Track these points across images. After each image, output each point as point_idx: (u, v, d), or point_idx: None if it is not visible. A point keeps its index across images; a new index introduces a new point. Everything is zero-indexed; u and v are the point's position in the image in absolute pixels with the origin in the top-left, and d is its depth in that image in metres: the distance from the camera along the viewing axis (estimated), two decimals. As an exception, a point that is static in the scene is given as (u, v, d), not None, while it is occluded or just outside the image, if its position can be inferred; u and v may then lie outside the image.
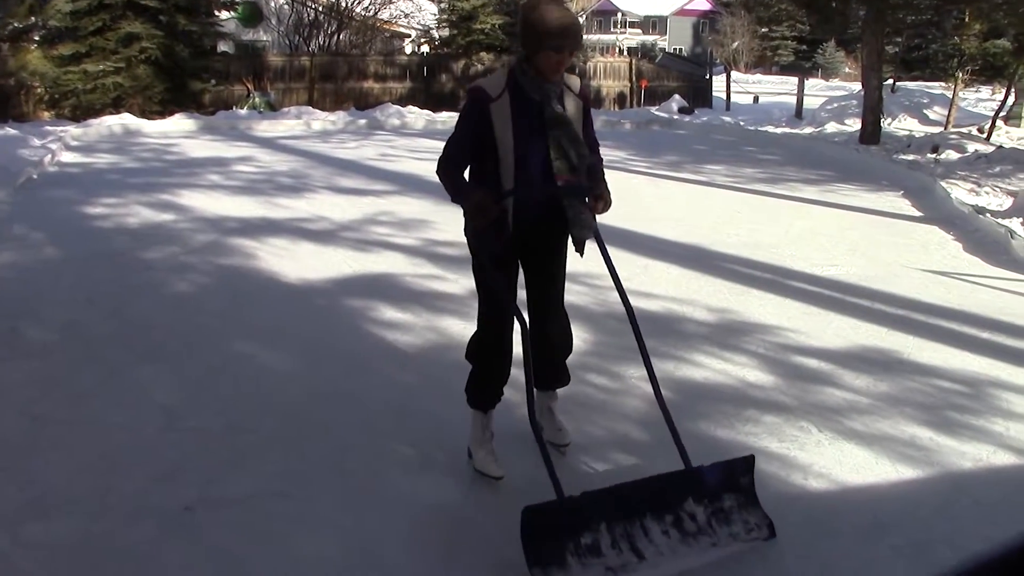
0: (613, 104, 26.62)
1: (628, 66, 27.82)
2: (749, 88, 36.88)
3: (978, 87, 28.07)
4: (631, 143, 17.71)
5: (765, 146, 17.91)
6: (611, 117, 22.91)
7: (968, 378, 4.91)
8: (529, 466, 3.64)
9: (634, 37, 74.83)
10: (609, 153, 15.47)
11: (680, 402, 4.51)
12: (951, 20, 21.10)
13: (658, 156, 15.54)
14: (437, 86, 25.38)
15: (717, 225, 9.27)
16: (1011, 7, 14.30)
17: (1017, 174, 13.13)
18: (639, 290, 6.57)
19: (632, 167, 14.15)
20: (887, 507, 3.53)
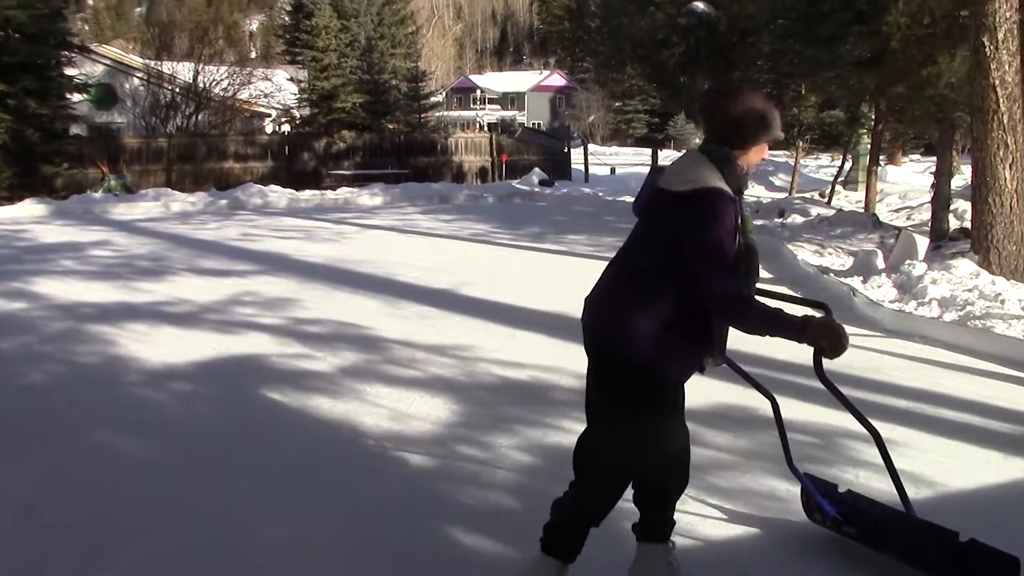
0: (475, 178, 27.07)
1: (489, 141, 28.43)
2: (606, 160, 38.09)
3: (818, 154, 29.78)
4: (494, 216, 18.04)
5: (623, 215, 18.45)
6: (474, 191, 23.30)
7: (820, 430, 5.18)
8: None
9: (493, 113, 76.45)
10: (474, 226, 15.85)
11: (548, 468, 4.60)
12: (789, 93, 22.36)
13: (521, 228, 15.87)
14: (299, 165, 25.32)
15: (580, 293, 9.44)
16: (842, 81, 15.30)
17: (856, 235, 13.96)
18: (507, 360, 6.70)
19: (496, 240, 14.41)
20: (748, 558, 3.69)
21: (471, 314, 8.43)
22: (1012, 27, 8.47)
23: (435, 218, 17.82)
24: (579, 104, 62.04)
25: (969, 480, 4.48)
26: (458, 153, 27.39)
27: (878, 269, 9.91)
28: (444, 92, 64.40)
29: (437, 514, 4.07)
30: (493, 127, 58.74)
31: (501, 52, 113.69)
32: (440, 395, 5.85)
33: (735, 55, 17.85)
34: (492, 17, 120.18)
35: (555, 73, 79.28)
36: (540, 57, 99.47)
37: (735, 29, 17.29)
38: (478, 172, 27.44)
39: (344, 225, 16.60)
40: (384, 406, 5.61)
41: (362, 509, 4.14)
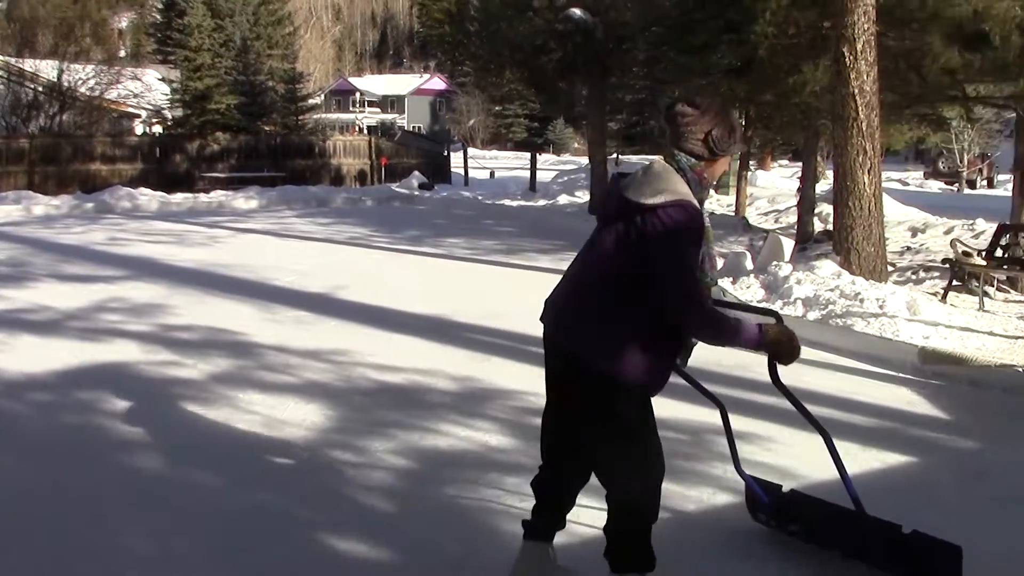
0: (354, 182, 26.80)
1: (368, 144, 28.19)
2: (486, 164, 38.22)
3: (692, 160, 30.46)
4: (373, 219, 17.90)
5: (502, 219, 18.62)
6: (352, 194, 23.07)
7: (689, 428, 5.30)
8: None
9: (373, 116, 75.83)
10: (352, 230, 15.69)
11: (424, 471, 4.59)
12: (664, 99, 22.88)
13: (400, 232, 15.78)
14: (171, 167, 24.59)
15: (458, 296, 9.52)
16: (714, 88, 15.73)
17: (727, 238, 14.35)
18: (384, 364, 6.65)
19: (374, 243, 14.30)
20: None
21: (348, 318, 8.34)
22: (870, 38, 8.84)
23: (312, 221, 17.57)
24: (459, 108, 62.16)
25: (828, 472, 4.63)
26: (336, 156, 27.08)
27: (747, 270, 10.21)
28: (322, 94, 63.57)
29: (309, 520, 4.00)
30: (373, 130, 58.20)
31: (381, 55, 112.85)
32: (315, 400, 5.76)
33: (612, 61, 18.16)
34: (372, 19, 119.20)
35: (435, 76, 79.15)
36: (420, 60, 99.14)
37: (611, 36, 17.58)
38: (357, 175, 27.18)
39: (218, 229, 16.21)
40: (257, 412, 5.49)
41: (233, 517, 4.05)
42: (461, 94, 58.61)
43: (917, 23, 9.93)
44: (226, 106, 26.76)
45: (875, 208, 9.14)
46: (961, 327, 7.76)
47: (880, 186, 9.29)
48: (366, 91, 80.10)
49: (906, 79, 10.84)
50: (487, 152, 56.00)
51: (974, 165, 34.87)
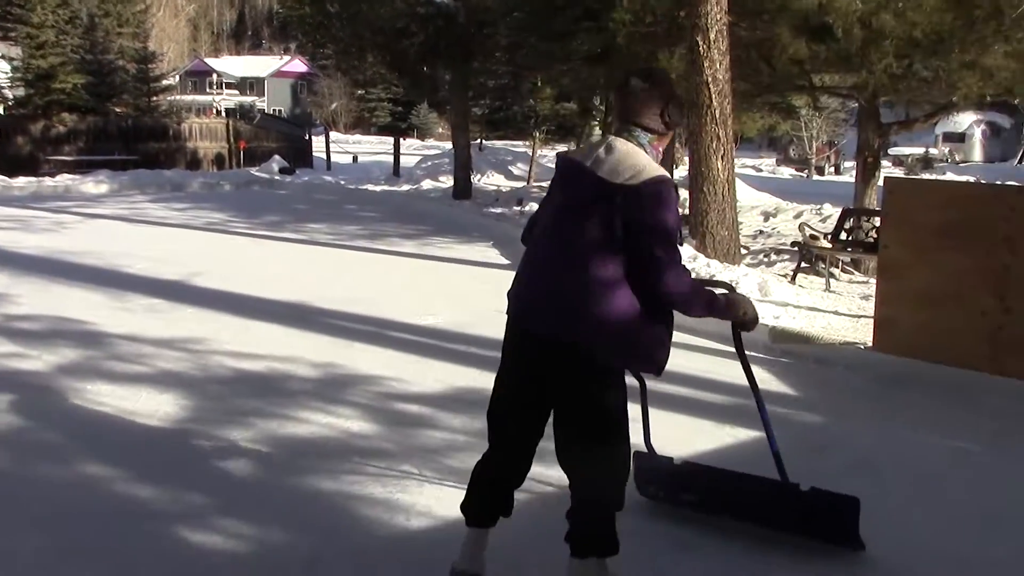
0: (211, 166, 26.03)
1: (226, 127, 27.42)
2: (349, 148, 37.74)
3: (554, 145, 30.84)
4: (231, 204, 17.44)
5: (365, 204, 18.42)
6: (209, 179, 22.41)
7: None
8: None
9: (231, 98, 73.72)
10: (209, 215, 15.25)
11: (284, 460, 4.50)
12: (527, 85, 23.04)
13: (259, 217, 15.42)
14: (13, 149, 23.29)
15: (320, 282, 9.37)
16: (574, 74, 15.95)
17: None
18: (242, 351, 6.49)
19: (233, 228, 13.94)
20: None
21: (204, 305, 8.10)
22: (722, 28, 9.10)
23: (167, 207, 16.98)
24: (321, 91, 61.03)
25: (686, 449, 4.77)
26: (192, 139, 26.23)
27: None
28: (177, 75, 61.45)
29: (162, 513, 3.87)
30: (231, 113, 56.73)
31: (239, 35, 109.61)
32: (169, 390, 5.57)
33: (474, 46, 18.16)
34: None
35: (296, 59, 77.40)
36: (280, 42, 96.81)
37: (473, 20, 17.58)
38: (214, 159, 26.40)
39: (65, 214, 15.48)
40: (107, 404, 5.28)
41: (82, 513, 3.88)
42: (323, 77, 57.56)
43: (767, 14, 10.28)
44: (72, 86, 25.52)
45: (728, 193, 9.43)
46: (809, 307, 8.10)
47: (733, 172, 9.59)
48: (224, 72, 77.78)
49: (757, 68, 11.22)
50: (350, 136, 55.27)
51: (822, 152, 36.41)
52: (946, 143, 41.58)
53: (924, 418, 5.39)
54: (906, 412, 5.50)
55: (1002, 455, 4.77)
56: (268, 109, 67.16)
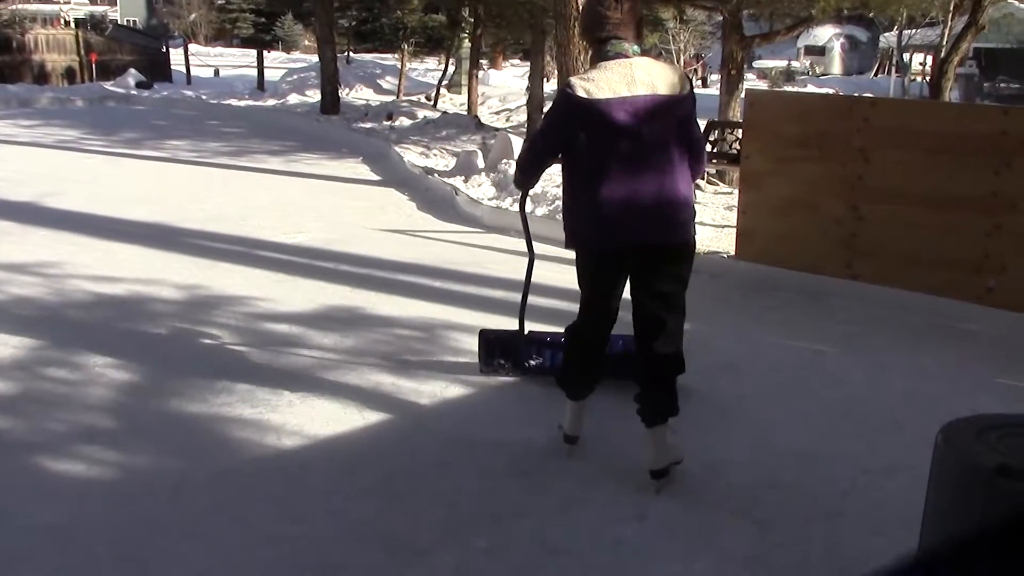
0: (61, 80, 24.62)
1: (75, 39, 25.88)
2: (210, 61, 36.23)
3: (423, 58, 30.31)
4: (85, 121, 16.60)
5: (229, 119, 17.79)
6: (60, 94, 21.21)
7: (423, 324, 5.37)
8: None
9: (81, 8, 69.50)
10: (61, 132, 14.50)
11: (146, 385, 4.40)
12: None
13: (116, 134, 14.74)
14: None
15: (182, 202, 9.05)
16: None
17: (460, 137, 14.48)
18: (102, 275, 6.27)
19: (87, 146, 13.29)
20: (354, 451, 3.77)
21: (59, 227, 7.73)
22: (589, -62, 9.03)
23: (14, 124, 16.00)
24: (179, 1, 58.22)
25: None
26: (39, 51, 24.67)
27: (479, 168, 10.35)
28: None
29: (20, 444, 3.74)
30: (81, 23, 53.54)
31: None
32: (25, 318, 5.34)
33: (338, -46, 17.56)
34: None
35: (150, -35, 73.50)
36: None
37: (336, -73, 16.97)
38: (64, 73, 24.95)
39: (-100, 133, 14.46)
40: (-46, 333, 5.02)
41: (-71, 448, 3.71)
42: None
43: (633, -76, 10.23)
44: None
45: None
46: (674, 218, 8.26)
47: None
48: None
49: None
50: (211, 49, 52.94)
51: (690, 65, 36.81)
52: (807, 56, 42.64)
53: (782, 322, 5.62)
54: (766, 317, 5.73)
55: (853, 356, 5.03)
56: (121, 20, 63.62)
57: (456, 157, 11.59)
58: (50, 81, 24.16)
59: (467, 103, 19.26)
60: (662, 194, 3.30)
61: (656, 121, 3.25)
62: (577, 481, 3.54)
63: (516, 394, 4.41)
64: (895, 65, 29.47)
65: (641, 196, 3.30)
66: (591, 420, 3.80)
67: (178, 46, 31.83)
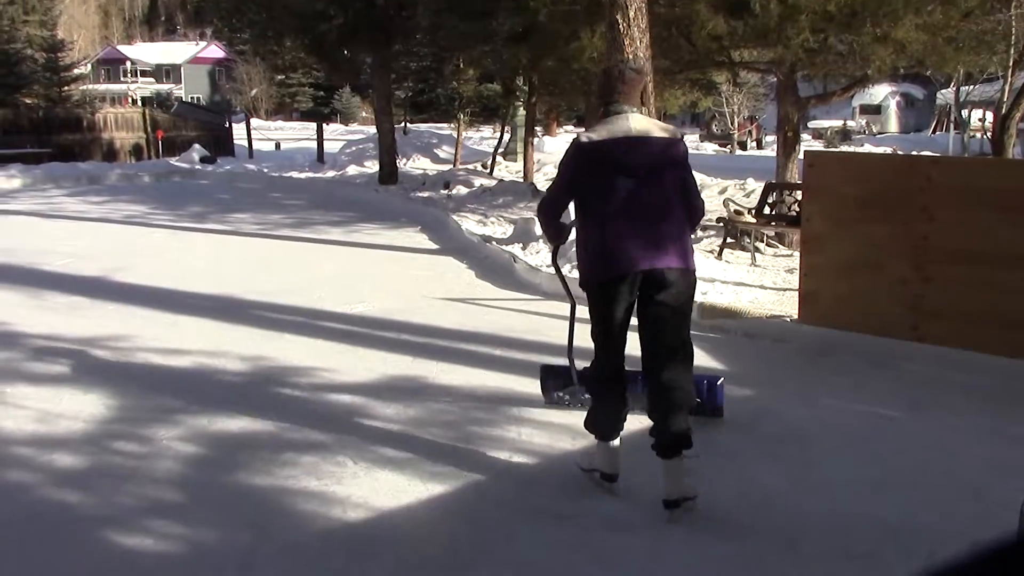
0: (129, 157, 25.39)
1: (142, 116, 26.73)
2: (271, 135, 37.12)
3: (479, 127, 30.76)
4: (152, 196, 17.07)
5: (290, 192, 18.17)
6: (128, 170, 21.86)
7: (485, 393, 5.36)
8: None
9: (147, 86, 72.02)
10: (129, 208, 14.90)
11: (216, 457, 4.43)
12: (449, 66, 22.89)
13: (182, 208, 15.11)
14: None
15: (246, 274, 9.22)
16: (496, 55, 15.91)
17: (516, 204, 14.59)
18: (168, 347, 6.37)
19: (154, 221, 13.64)
20: (419, 523, 3.75)
21: (127, 301, 7.91)
22: (641, 5, 9.12)
23: (84, 200, 16.54)
24: (240, 77, 59.85)
25: (619, 427, 4.83)
26: (108, 129, 25.51)
27: (536, 235, 10.40)
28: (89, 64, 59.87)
29: (90, 519, 3.78)
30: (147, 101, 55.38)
31: (152, 21, 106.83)
32: (93, 390, 5.43)
33: (394, 28, 17.97)
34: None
35: (213, 44, 75.78)
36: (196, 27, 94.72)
37: (393, 2, 17.39)
38: (131, 150, 25.74)
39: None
40: (28, 407, 5.13)
41: (11, 522, 3.76)
42: (241, 63, 56.40)
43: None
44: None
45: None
46: (736, 282, 8.21)
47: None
48: (138, 60, 75.95)
49: (677, 45, 11.30)
50: (272, 123, 54.42)
51: (744, 127, 36.87)
52: (863, 115, 42.47)
53: (850, 387, 5.51)
54: (832, 381, 5.63)
55: (924, 420, 4.90)
56: (186, 97, 65.77)
57: (513, 224, 11.67)
58: (119, 158, 24.92)
59: (523, 170, 19.44)
60: (659, 225, 3.71)
61: (651, 159, 3.75)
62: (645, 552, 3.47)
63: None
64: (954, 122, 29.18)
65: (638, 226, 3.70)
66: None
67: (240, 121, 32.72)
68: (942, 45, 9.78)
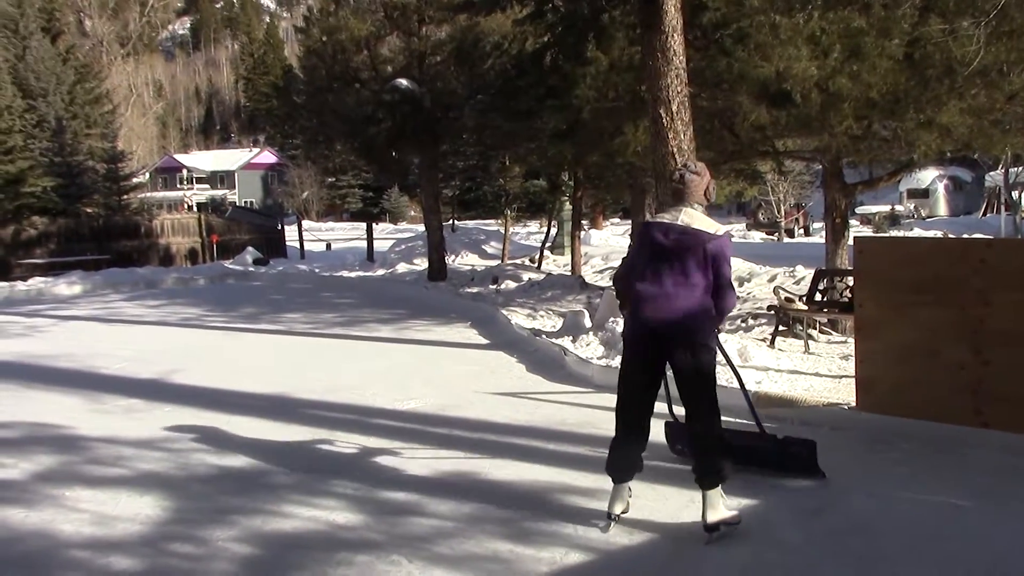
0: (185, 261, 26.01)
1: (198, 221, 27.47)
2: (322, 236, 37.88)
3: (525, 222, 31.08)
4: (207, 298, 17.38)
5: (341, 290, 18.41)
6: (183, 274, 22.34)
7: (539, 488, 5.31)
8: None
9: (202, 192, 74.10)
10: (184, 310, 15.18)
11: (270, 557, 4.41)
12: (495, 164, 23.30)
13: (235, 309, 15.36)
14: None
15: (299, 372, 9.30)
16: (541, 152, 16.16)
17: (565, 297, 14.63)
18: (223, 448, 6.41)
19: (209, 323, 13.86)
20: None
21: (183, 403, 7.99)
22: (684, 100, 9.27)
23: (141, 304, 16.90)
24: (292, 180, 61.38)
25: (677, 521, 4.74)
26: (165, 235, 26.24)
27: (586, 328, 10.40)
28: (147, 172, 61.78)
29: (148, 622, 3.77)
30: (202, 207, 56.86)
31: (207, 130, 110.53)
32: (149, 492, 5.47)
33: (440, 129, 18.40)
34: (196, 94, 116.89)
35: (265, 150, 78.08)
36: (249, 134, 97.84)
37: (439, 104, 17.84)
38: (187, 254, 26.40)
39: (38, 318, 15.34)
40: (86, 510, 5.17)
41: (61, 628, 3.76)
42: (293, 167, 57.96)
43: (727, 84, 10.47)
44: (42, 188, 25.59)
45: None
46: (790, 370, 8.11)
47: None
48: (193, 167, 78.28)
49: (721, 136, 11.40)
50: (323, 224, 55.54)
51: (791, 215, 36.87)
52: (911, 199, 42.28)
53: (913, 476, 5.37)
54: (895, 470, 5.49)
55: (994, 510, 4.75)
56: (239, 201, 67.54)
57: (563, 318, 11.68)
58: (175, 262, 25.54)
59: (570, 263, 19.57)
60: (675, 295, 4.53)
61: (681, 243, 4.57)
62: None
63: (637, 558, 4.28)
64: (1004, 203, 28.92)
65: (657, 293, 4.57)
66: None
67: (292, 223, 33.43)
68: (988, 128, 9.75)
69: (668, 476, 5.43)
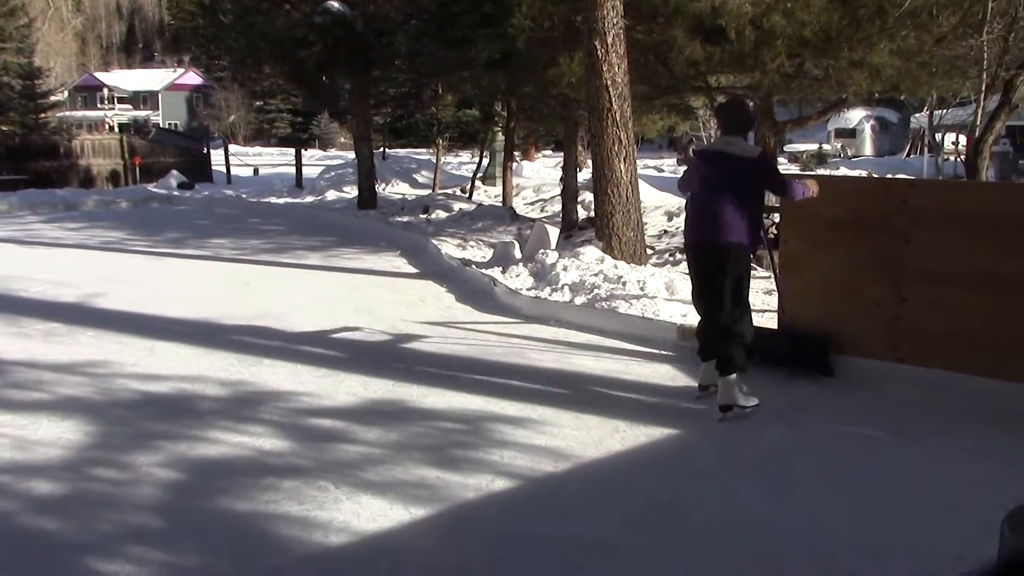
0: (106, 183, 25.27)
1: (120, 143, 26.63)
2: (249, 161, 37.09)
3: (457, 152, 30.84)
4: (129, 222, 16.99)
5: (269, 217, 18.15)
6: (105, 196, 21.77)
7: (467, 416, 5.36)
8: None
9: (124, 113, 71.81)
10: (106, 234, 14.82)
11: (196, 482, 4.40)
12: (428, 92, 22.96)
13: (159, 234, 15.05)
14: None
15: (225, 299, 9.18)
16: (475, 81, 15.97)
17: (496, 228, 14.63)
18: (147, 373, 6.33)
19: (132, 247, 13.58)
20: (402, 548, 3.74)
21: (105, 328, 7.84)
22: (619, 32, 9.22)
23: (61, 227, 16.45)
24: (218, 103, 59.88)
25: (600, 449, 4.83)
26: (85, 156, 25.39)
27: (515, 259, 10.43)
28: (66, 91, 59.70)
29: (71, 544, 3.74)
30: (125, 128, 55.26)
31: (129, 48, 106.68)
32: (71, 417, 5.38)
33: (373, 55, 18.02)
34: (117, 11, 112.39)
35: (190, 71, 75.79)
36: (173, 54, 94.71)
37: (371, 29, 17.46)
38: (109, 176, 25.63)
39: (-48, 238, 14.85)
40: (5, 434, 5.07)
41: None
42: (219, 89, 56.47)
43: (662, 17, 10.46)
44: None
45: (632, 195, 9.55)
46: (714, 304, 8.23)
47: (636, 173, 9.71)
48: (115, 87, 75.70)
49: (655, 71, 11.40)
50: (250, 148, 54.35)
51: (720, 151, 37.05)
52: (838, 139, 42.96)
53: (829, 408, 5.54)
54: (813, 403, 5.65)
55: (904, 441, 4.94)
56: (163, 123, 65.68)
57: (493, 248, 11.69)
58: (96, 184, 24.79)
59: (502, 195, 19.51)
60: (714, 212, 5.24)
61: (722, 168, 5.32)
62: (628, 571, 3.47)
63: (561, 485, 4.36)
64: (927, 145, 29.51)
65: (700, 211, 5.38)
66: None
67: (218, 147, 32.66)
68: (916, 70, 9.91)
69: (593, 405, 5.53)
